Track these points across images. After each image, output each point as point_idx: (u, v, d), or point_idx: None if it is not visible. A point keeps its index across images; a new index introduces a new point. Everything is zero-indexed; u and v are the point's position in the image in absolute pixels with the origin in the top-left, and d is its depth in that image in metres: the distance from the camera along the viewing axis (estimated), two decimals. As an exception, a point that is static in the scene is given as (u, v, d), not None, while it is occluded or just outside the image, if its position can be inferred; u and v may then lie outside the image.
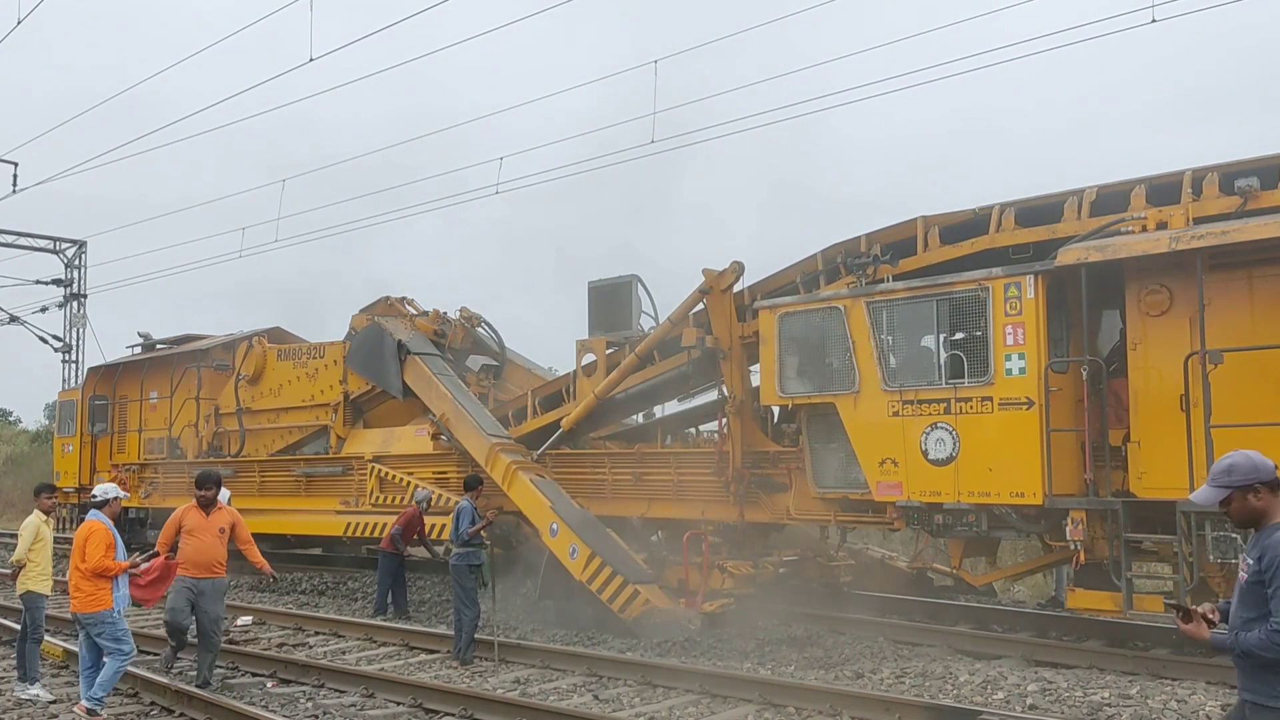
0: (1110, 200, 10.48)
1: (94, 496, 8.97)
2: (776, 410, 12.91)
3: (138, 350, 23.14)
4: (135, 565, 8.94)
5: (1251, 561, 4.06)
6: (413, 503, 15.13)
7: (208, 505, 9.25)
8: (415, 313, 17.82)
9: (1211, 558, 8.83)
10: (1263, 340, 8.88)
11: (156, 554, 9.48)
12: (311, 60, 14.57)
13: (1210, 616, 4.20)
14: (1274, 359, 8.81)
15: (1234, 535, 8.69)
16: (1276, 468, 4.14)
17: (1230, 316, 9.08)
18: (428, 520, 15.04)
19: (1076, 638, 11.24)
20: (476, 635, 11.12)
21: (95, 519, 8.70)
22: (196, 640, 9.67)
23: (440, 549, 15.03)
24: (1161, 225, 9.83)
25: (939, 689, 9.12)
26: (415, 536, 15.03)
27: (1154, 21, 10.22)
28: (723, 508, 12.96)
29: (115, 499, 8.89)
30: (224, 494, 15.37)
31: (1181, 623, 4.18)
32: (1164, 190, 10.19)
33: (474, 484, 11.75)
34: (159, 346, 22.71)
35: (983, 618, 12.36)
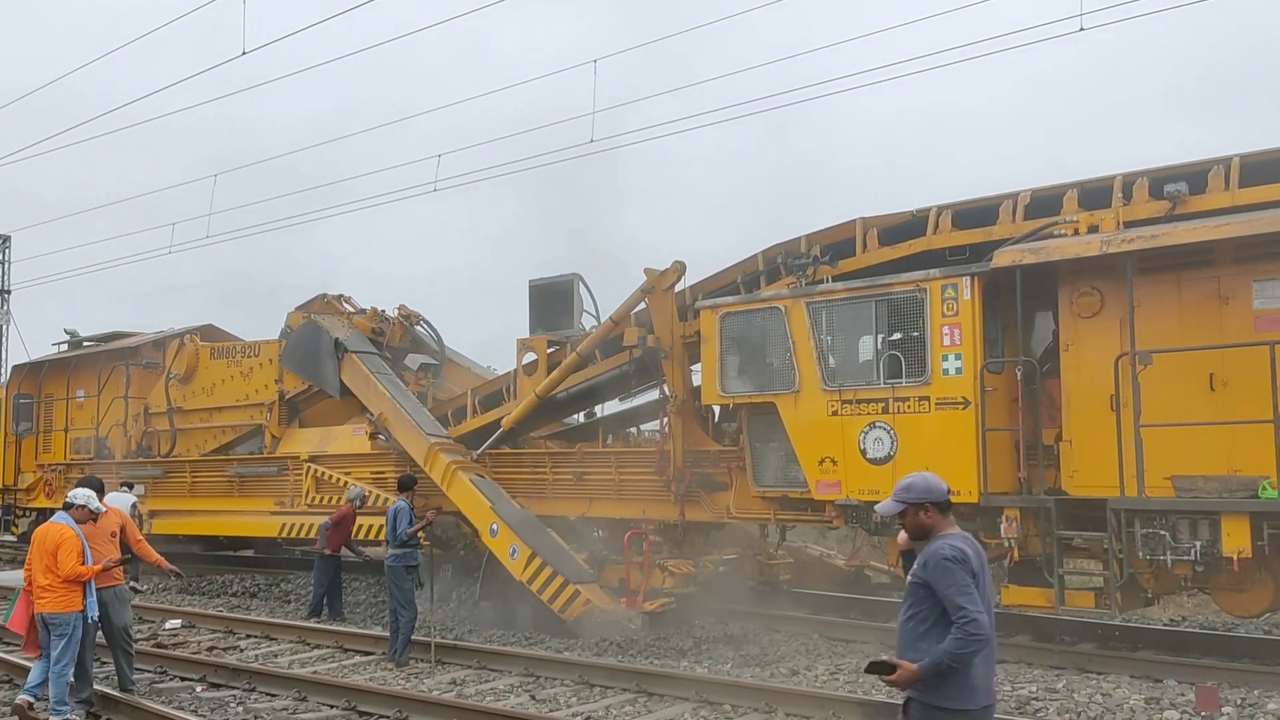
0: (1044, 203, 10.66)
1: (70, 499, 8.78)
2: (717, 409, 12.94)
3: (64, 348, 22.52)
4: (106, 568, 8.74)
5: (917, 567, 4.52)
6: (345, 501, 14.89)
7: (93, 512, 8.96)
8: (353, 310, 17.58)
9: (1141, 554, 9.01)
10: (1190, 342, 9.09)
11: (129, 558, 9.27)
12: (245, 54, 14.23)
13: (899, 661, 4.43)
14: (1201, 360, 9.02)
15: (1163, 532, 8.89)
16: (949, 491, 4.65)
17: (1159, 319, 9.27)
18: (361, 520, 14.81)
19: (1005, 633, 11.39)
20: (413, 636, 10.96)
21: (64, 524, 8.52)
22: (112, 649, 9.37)
23: (366, 549, 14.85)
24: (1093, 229, 10.02)
25: (873, 685, 9.19)
26: (345, 538, 14.75)
27: (1081, 30, 10.41)
28: (664, 507, 12.95)
29: (83, 507, 8.68)
30: (127, 498, 15.04)
31: (888, 677, 4.41)
32: (1095, 194, 10.40)
33: (409, 484, 11.60)
34: (86, 344, 22.12)
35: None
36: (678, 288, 13.15)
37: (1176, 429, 8.91)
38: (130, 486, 16.29)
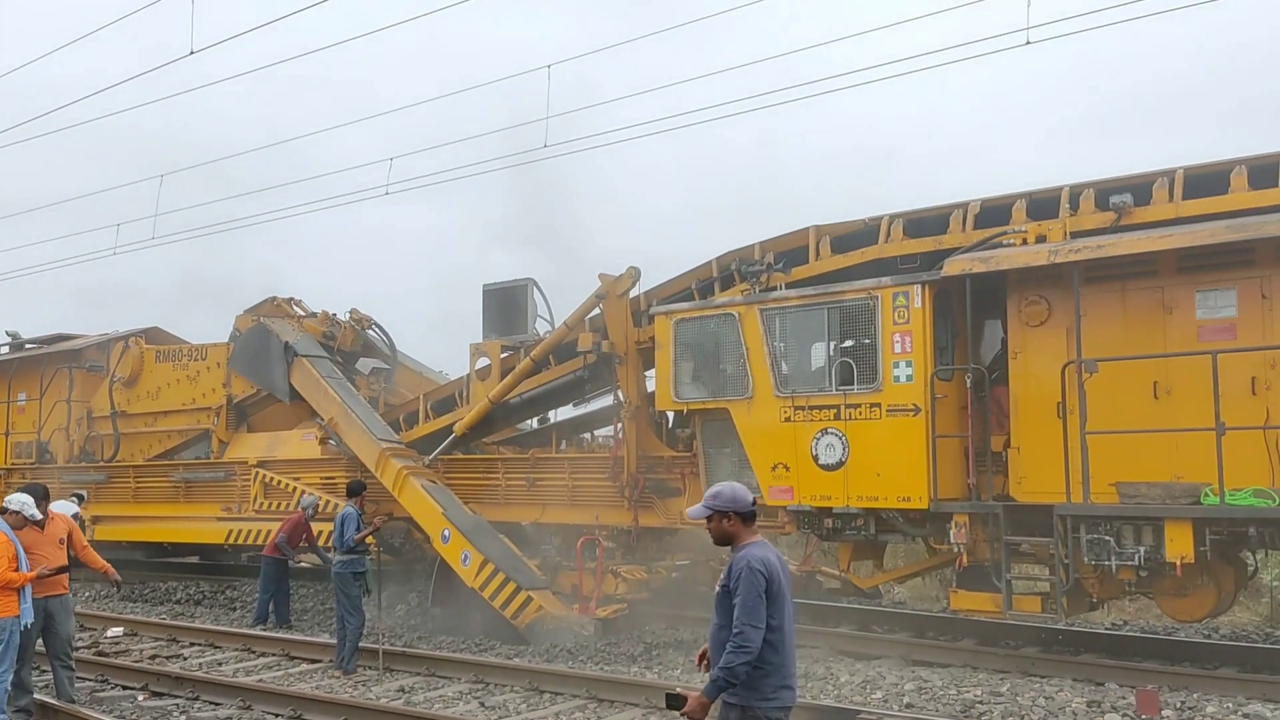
0: (993, 213, 10.81)
1: (4, 504, 8.59)
2: (671, 415, 12.93)
3: (5, 350, 21.99)
4: (41, 575, 8.52)
5: (724, 576, 4.79)
6: (298, 509, 14.69)
7: (28, 519, 8.76)
8: (303, 314, 17.36)
9: (1086, 559, 9.14)
10: (1135, 350, 9.24)
11: (65, 567, 9.04)
12: (192, 54, 13.96)
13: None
14: (1145, 369, 9.17)
15: (1108, 538, 9.02)
16: (755, 501, 4.96)
17: (1105, 327, 9.43)
18: (314, 527, 14.62)
19: (951, 637, 11.54)
20: (360, 644, 10.82)
21: None
22: (51, 660, 9.15)
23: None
24: (1041, 238, 10.17)
25: (820, 689, 9.24)
26: (302, 543, 14.58)
27: (1029, 44, 10.55)
28: (617, 512, 12.92)
29: (17, 513, 8.47)
30: (70, 506, 14.70)
31: (683, 711, 4.66)
32: (1043, 205, 10.55)
33: (357, 489, 11.45)
34: (28, 346, 21.62)
35: (864, 619, 12.60)
36: (632, 293, 13.16)
37: (1121, 436, 9.06)
38: (81, 498, 15.81)
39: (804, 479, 10.68)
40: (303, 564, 15.64)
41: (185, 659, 11.55)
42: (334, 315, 17.26)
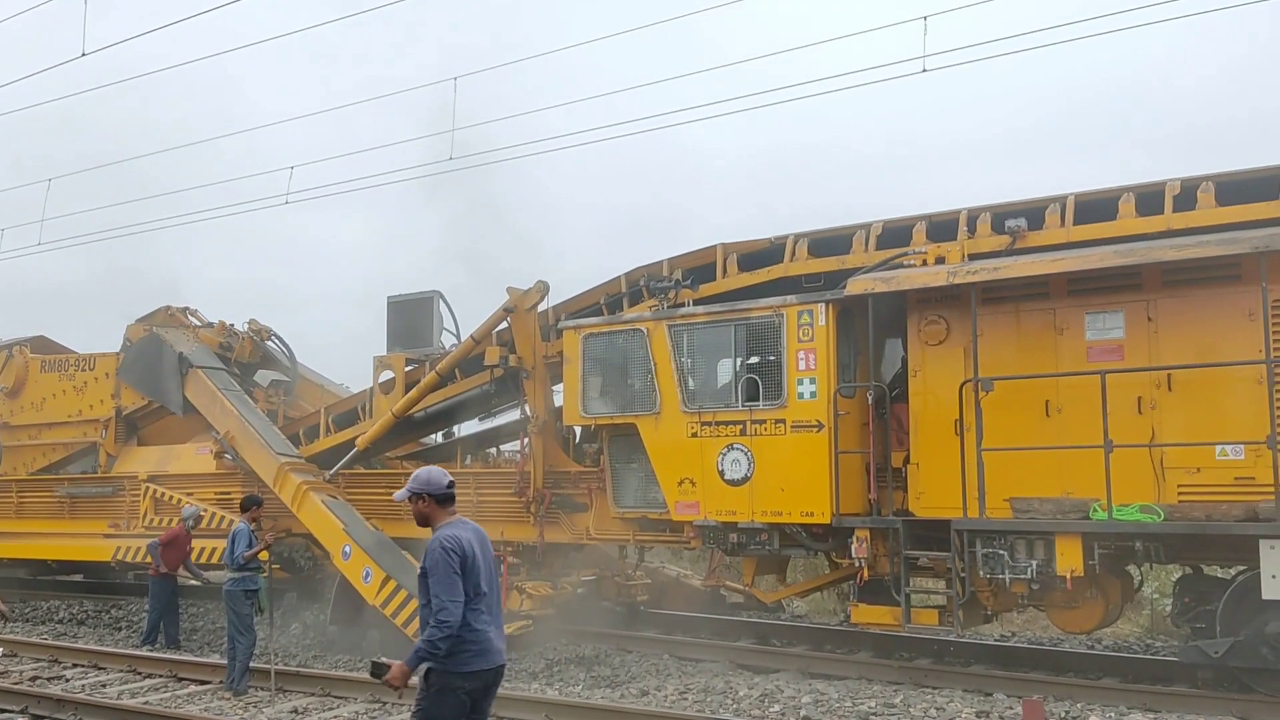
0: (895, 234, 11.06)
1: None
2: (579, 430, 12.89)
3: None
4: None
5: (423, 559, 5.06)
6: (179, 521, 14.14)
7: None
8: (199, 324, 16.87)
9: (982, 573, 9.35)
10: (1028, 370, 9.52)
11: None
12: (84, 55, 13.48)
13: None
14: (1038, 387, 9.46)
15: (1002, 552, 9.25)
16: (452, 484, 5.31)
17: (1000, 347, 9.70)
18: (198, 544, 14.10)
19: (848, 650, 11.72)
20: (252, 664, 10.47)
21: None
22: None
23: (208, 574, 14.14)
24: (940, 260, 10.43)
25: (720, 704, 9.27)
26: (182, 560, 14.00)
27: (925, 71, 10.87)
28: (523, 528, 12.80)
29: None
30: None
31: (384, 678, 4.97)
32: (942, 227, 10.84)
33: (249, 504, 11.11)
34: (-97, 353, 20.50)
35: (763, 632, 12.72)
36: (541, 307, 13.09)
37: (1015, 453, 9.31)
38: None
39: (710, 494, 10.74)
40: (191, 582, 15.07)
41: (68, 680, 11.03)
42: (231, 326, 16.81)
